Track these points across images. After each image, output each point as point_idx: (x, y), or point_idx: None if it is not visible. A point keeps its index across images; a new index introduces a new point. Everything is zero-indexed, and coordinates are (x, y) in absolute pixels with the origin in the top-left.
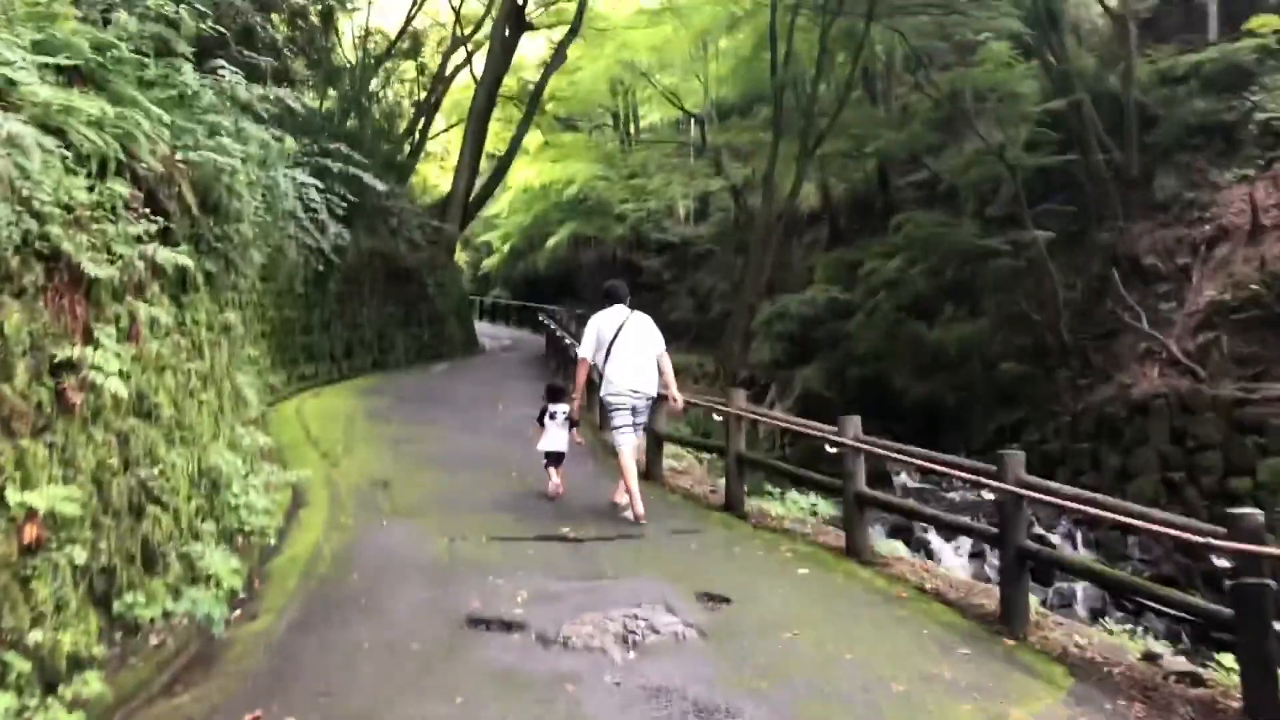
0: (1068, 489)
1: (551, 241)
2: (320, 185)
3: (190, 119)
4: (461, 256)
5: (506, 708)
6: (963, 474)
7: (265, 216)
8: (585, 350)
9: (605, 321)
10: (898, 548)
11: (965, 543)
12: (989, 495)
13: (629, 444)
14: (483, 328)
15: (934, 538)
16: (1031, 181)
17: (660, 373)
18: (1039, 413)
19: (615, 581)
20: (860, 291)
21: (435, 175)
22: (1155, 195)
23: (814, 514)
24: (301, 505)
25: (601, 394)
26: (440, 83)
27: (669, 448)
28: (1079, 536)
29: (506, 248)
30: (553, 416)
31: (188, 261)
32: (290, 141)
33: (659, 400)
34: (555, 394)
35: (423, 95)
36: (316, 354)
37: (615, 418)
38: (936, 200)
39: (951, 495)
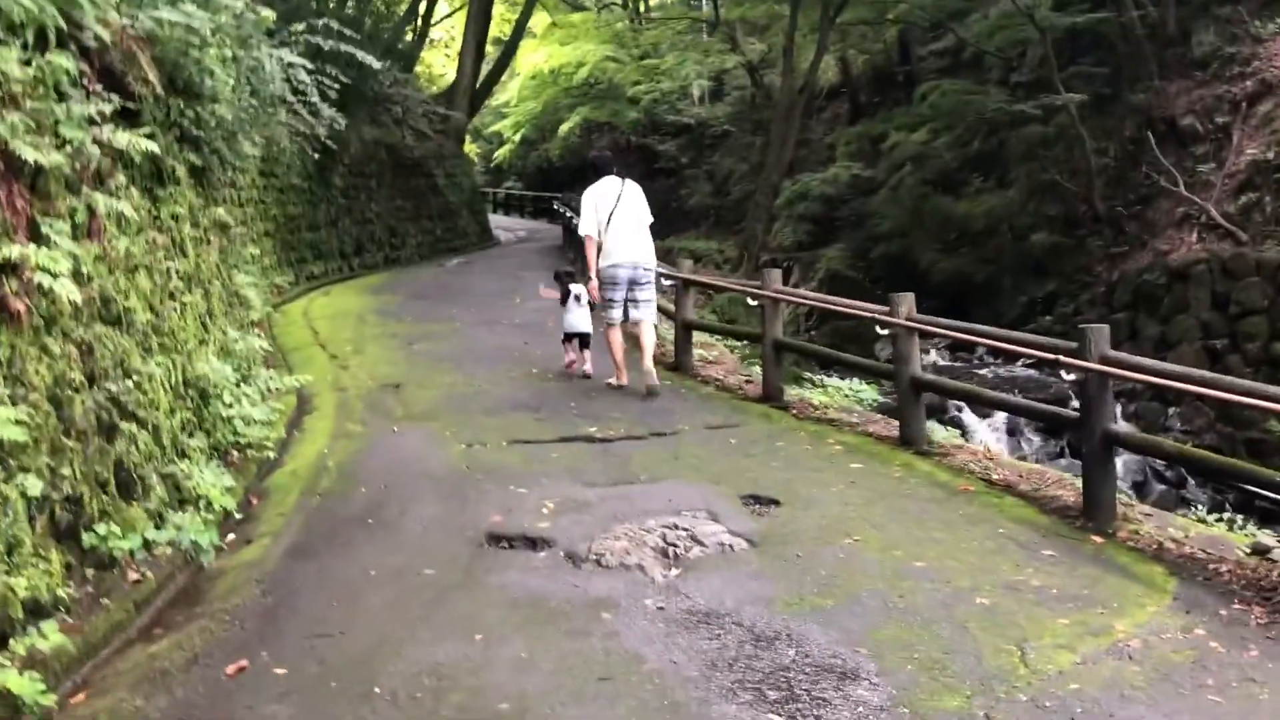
0: (1156, 364)
1: (563, 129)
2: (310, 65)
3: None
4: (472, 148)
5: (533, 644)
6: (1039, 352)
7: (250, 100)
8: (588, 227)
9: (601, 194)
10: (955, 435)
11: (999, 419)
12: (1066, 375)
13: (617, 319)
14: (497, 220)
15: (968, 416)
16: (1061, 43)
17: None
18: (1071, 284)
19: (650, 485)
20: (884, 167)
21: (440, 65)
22: (1193, 51)
23: (860, 401)
24: (307, 412)
25: (600, 266)
26: None
27: (698, 335)
28: (1118, 410)
29: (518, 137)
30: (578, 299)
31: (154, 147)
32: (268, 13)
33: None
34: (570, 277)
35: None
36: (325, 251)
37: (610, 291)
38: (960, 69)
39: (983, 372)
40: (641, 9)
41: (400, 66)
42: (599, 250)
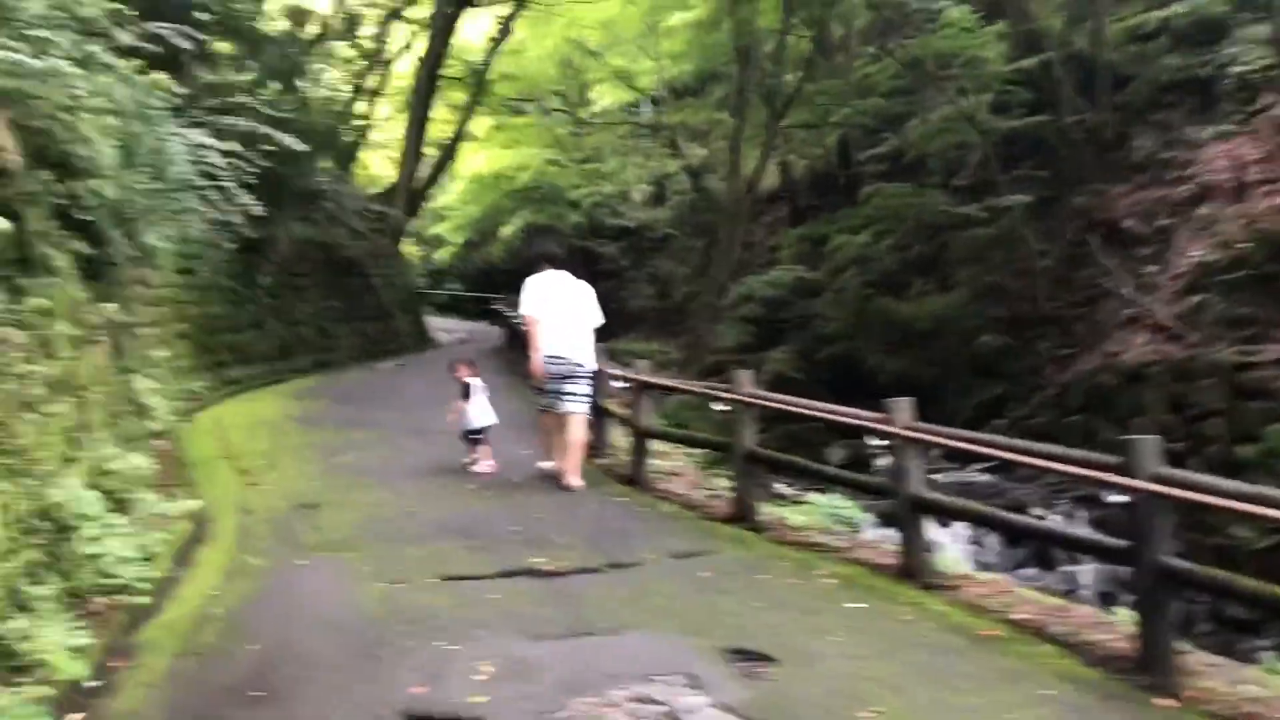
0: (1220, 482)
1: (505, 231)
2: (223, 147)
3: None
4: (413, 250)
5: None
6: (1077, 469)
7: (147, 183)
8: (530, 309)
9: (546, 284)
10: (959, 561)
11: (959, 529)
12: (1115, 497)
13: (549, 405)
14: (438, 321)
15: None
16: (1001, 147)
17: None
18: (1020, 386)
19: (612, 638)
20: (826, 270)
21: (380, 167)
22: (1131, 156)
23: (844, 522)
24: (201, 541)
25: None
26: (379, 64)
27: (654, 444)
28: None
29: (459, 239)
30: (476, 393)
31: (5, 225)
32: (163, 79)
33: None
34: (469, 368)
35: (362, 78)
36: (248, 355)
37: (542, 383)
38: (901, 173)
39: (974, 482)
40: (582, 115)
41: (337, 164)
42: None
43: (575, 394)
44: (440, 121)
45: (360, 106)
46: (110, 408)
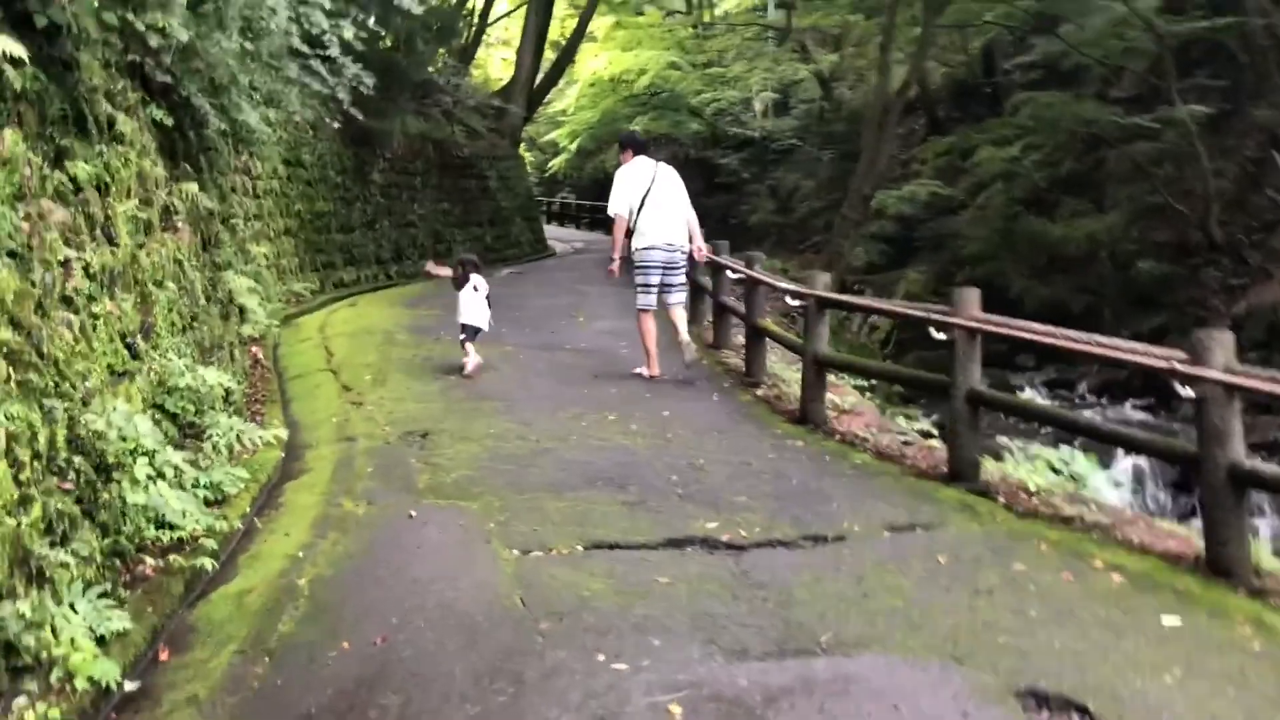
0: None
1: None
2: (328, 4)
3: None
4: (527, 156)
5: None
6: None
7: (241, 43)
8: (619, 206)
9: (634, 176)
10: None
11: (1121, 467)
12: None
13: (650, 305)
14: (551, 230)
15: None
16: (1171, 55)
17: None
18: (1184, 318)
19: (844, 662)
20: (964, 186)
21: (496, 69)
22: None
23: (1077, 481)
24: (291, 476)
25: (633, 248)
26: None
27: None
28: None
29: (574, 146)
30: (475, 289)
31: (18, 52)
32: None
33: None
34: (476, 267)
35: None
36: (358, 256)
37: (646, 275)
38: (1051, 83)
39: (1089, 414)
40: (707, 17)
41: (454, 58)
42: (631, 233)
43: (678, 284)
44: (559, 20)
45: (476, 2)
46: (189, 309)
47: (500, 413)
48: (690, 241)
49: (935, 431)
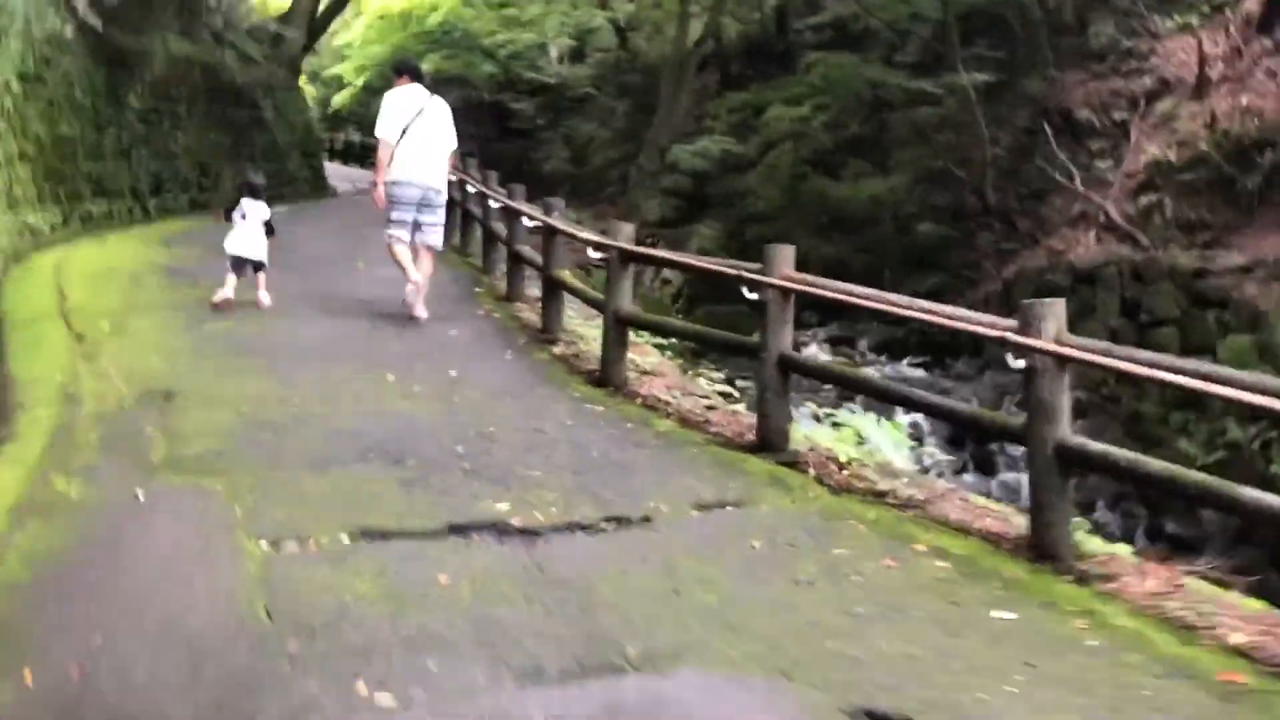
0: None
1: None
2: None
3: None
4: (310, 90)
5: None
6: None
7: None
8: (385, 130)
9: (403, 102)
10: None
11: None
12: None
13: (399, 237)
14: (334, 169)
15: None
16: (949, 25)
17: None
18: (959, 280)
19: (650, 679)
20: (756, 143)
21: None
22: (1090, 43)
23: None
24: None
25: (388, 179)
26: None
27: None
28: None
29: (360, 82)
30: (243, 217)
31: None
32: None
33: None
34: (249, 190)
35: None
36: (110, 188)
37: (399, 211)
38: (839, 45)
39: (870, 371)
40: None
41: None
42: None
43: (430, 223)
44: None
45: None
46: None
47: (261, 371)
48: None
49: (735, 393)
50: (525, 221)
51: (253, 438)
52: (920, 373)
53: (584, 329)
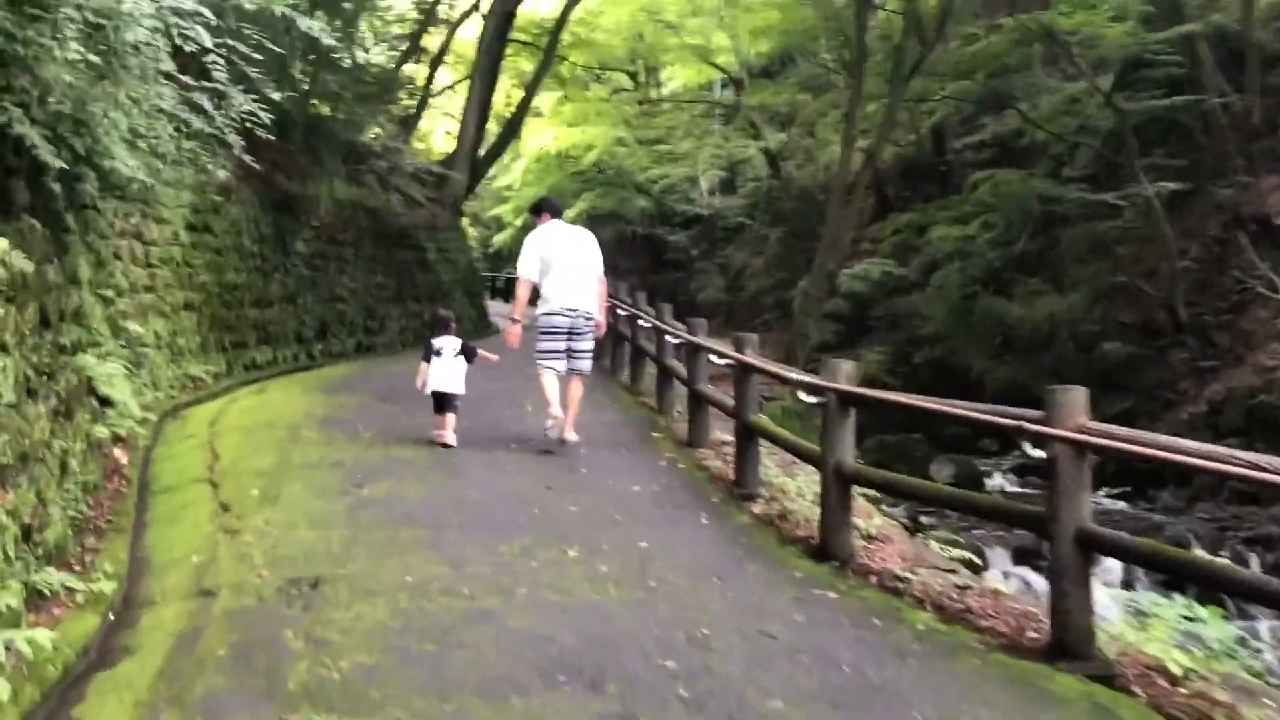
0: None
1: (568, 215)
2: (213, 19)
3: None
4: (470, 232)
5: None
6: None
7: (85, 53)
8: (526, 269)
9: (544, 238)
10: None
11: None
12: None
13: (552, 368)
14: (495, 307)
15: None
16: (1110, 138)
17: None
18: (1152, 401)
19: None
20: (916, 265)
21: (440, 143)
22: None
23: (1223, 656)
24: (105, 661)
25: (537, 313)
26: (440, 24)
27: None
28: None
29: (519, 222)
30: (438, 353)
31: None
32: None
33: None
34: (440, 325)
35: (420, 37)
36: (275, 334)
37: (546, 341)
38: (1002, 163)
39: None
40: (653, 95)
41: (395, 126)
42: (538, 297)
43: (581, 350)
44: (504, 94)
45: (420, 72)
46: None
47: (423, 545)
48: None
49: (977, 559)
50: (715, 359)
51: (412, 649)
52: (1122, 505)
53: (784, 480)
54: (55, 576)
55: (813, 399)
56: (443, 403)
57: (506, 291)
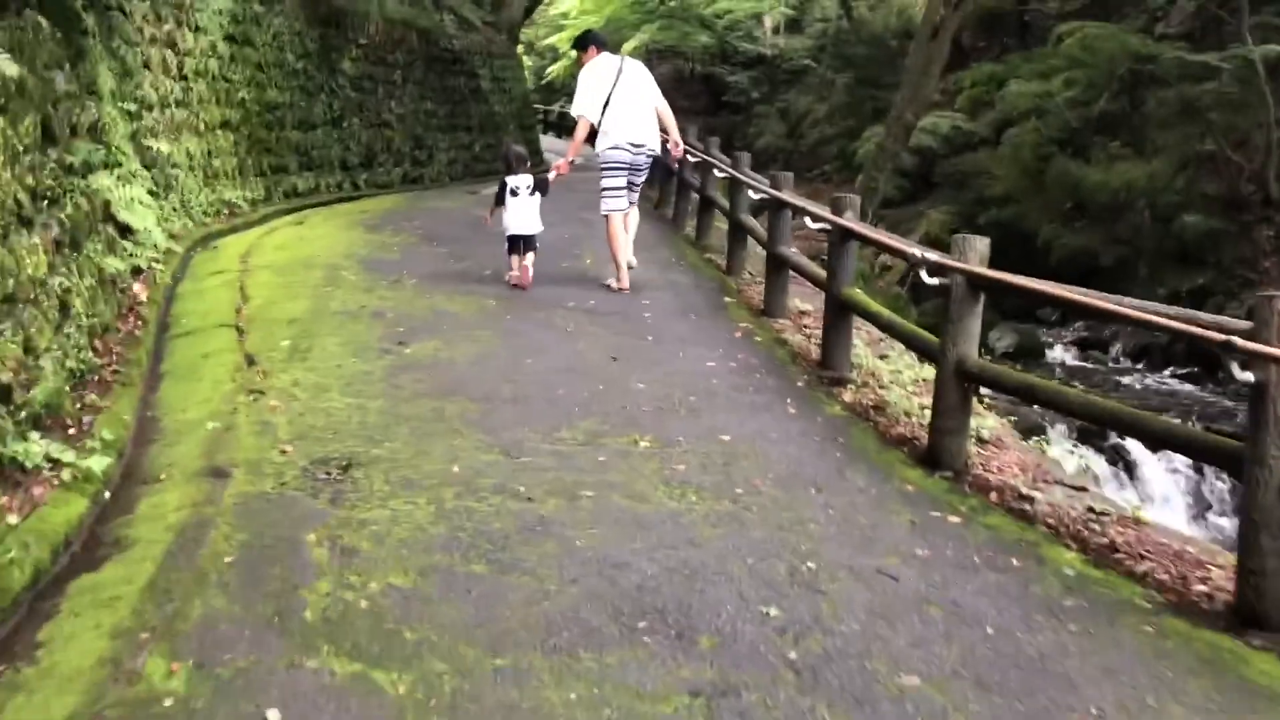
0: None
1: (626, 48)
2: None
3: None
4: (525, 60)
5: None
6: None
7: None
8: (583, 107)
9: (598, 73)
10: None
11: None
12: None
13: (620, 208)
14: (547, 142)
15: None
16: None
17: (661, 124)
18: (1230, 279)
19: None
20: (989, 121)
21: None
22: None
23: None
24: (90, 561)
25: (598, 149)
26: None
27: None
28: None
29: (574, 53)
30: (514, 193)
31: None
32: None
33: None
34: (515, 162)
35: None
36: (318, 160)
37: (611, 177)
38: (1087, 15)
39: (1127, 381)
40: None
41: None
42: (595, 133)
43: (638, 183)
44: None
45: None
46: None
47: (472, 424)
48: (667, 137)
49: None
50: (809, 223)
51: (458, 570)
52: (1190, 387)
53: (878, 365)
54: (38, 447)
55: (934, 280)
56: (522, 244)
57: (559, 126)
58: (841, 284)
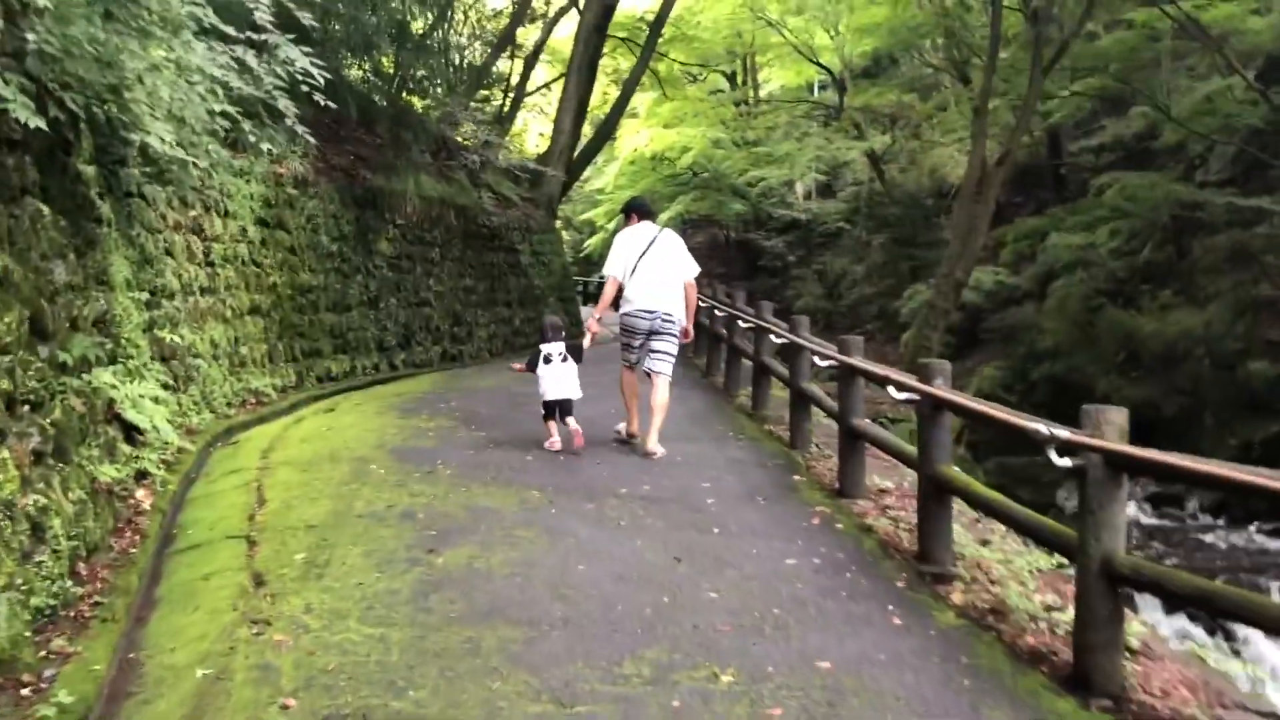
0: None
1: (662, 219)
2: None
3: None
4: (563, 235)
5: None
6: None
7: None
8: (612, 269)
9: (632, 239)
10: None
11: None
12: None
13: (633, 361)
14: (586, 312)
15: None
16: (1260, 136)
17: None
18: None
19: None
20: (1031, 274)
21: (534, 145)
22: None
23: None
24: None
25: (619, 313)
26: (525, 17)
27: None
28: None
29: (612, 225)
30: (547, 360)
31: None
32: None
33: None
34: (550, 331)
35: (514, 31)
36: (353, 342)
37: (629, 339)
38: (1122, 167)
39: (1208, 538)
40: (751, 96)
41: (486, 120)
42: (620, 296)
43: (661, 350)
44: (600, 93)
45: (515, 68)
46: None
47: (514, 659)
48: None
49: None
50: (893, 392)
51: None
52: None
53: (982, 553)
54: None
55: (1065, 461)
56: (558, 409)
57: (597, 297)
58: (937, 461)
